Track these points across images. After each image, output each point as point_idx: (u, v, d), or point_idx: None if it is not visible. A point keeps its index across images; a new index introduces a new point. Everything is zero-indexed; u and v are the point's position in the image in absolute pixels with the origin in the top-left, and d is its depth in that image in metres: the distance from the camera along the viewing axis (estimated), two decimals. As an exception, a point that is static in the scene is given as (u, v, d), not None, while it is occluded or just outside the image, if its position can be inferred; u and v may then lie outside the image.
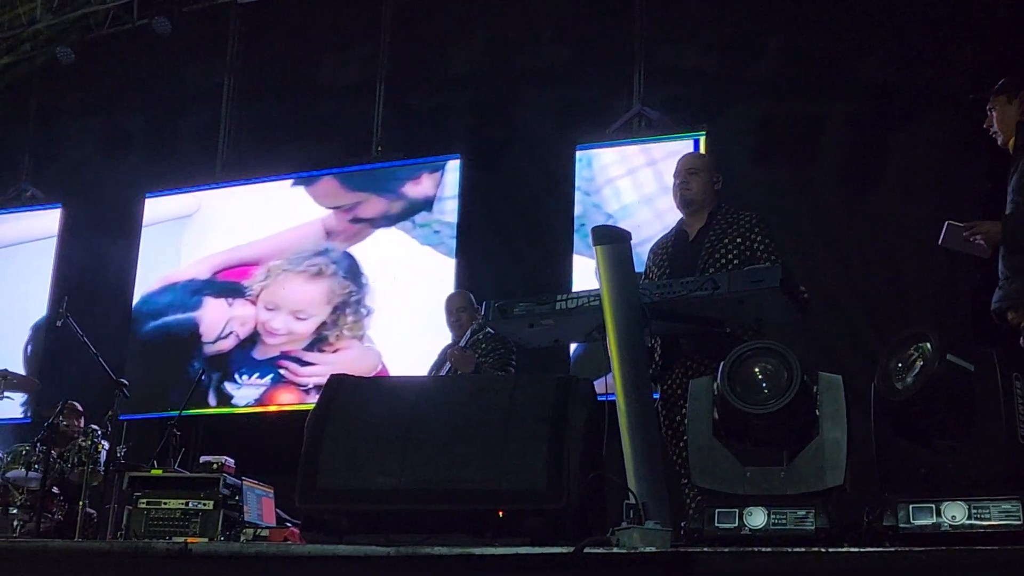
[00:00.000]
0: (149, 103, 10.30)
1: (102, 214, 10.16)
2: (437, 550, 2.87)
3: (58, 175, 10.65)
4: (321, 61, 9.79)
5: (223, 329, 9.14)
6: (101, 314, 9.19)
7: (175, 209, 9.69)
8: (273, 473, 6.25)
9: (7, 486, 7.11)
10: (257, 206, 9.38)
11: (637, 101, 8.35)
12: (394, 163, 8.97)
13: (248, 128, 9.92)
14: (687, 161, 4.88)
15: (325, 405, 3.34)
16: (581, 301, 3.96)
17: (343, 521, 3.24)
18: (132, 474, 5.73)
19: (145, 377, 8.94)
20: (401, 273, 8.69)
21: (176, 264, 9.51)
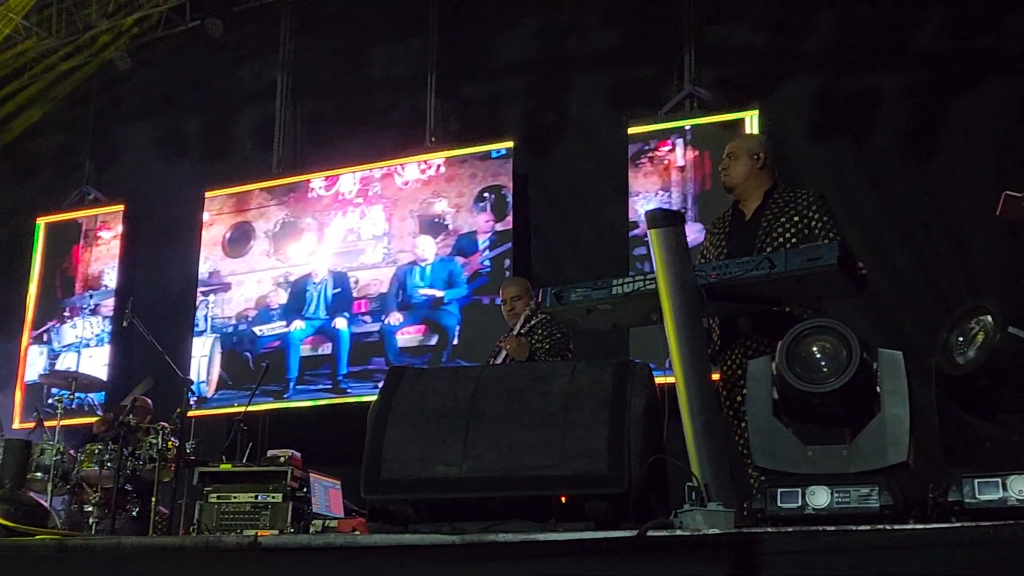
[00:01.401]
0: (204, 103, 10.44)
1: (163, 214, 10.32)
2: (501, 536, 2.90)
3: (119, 177, 10.84)
4: (372, 54, 9.85)
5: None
6: (165, 313, 9.35)
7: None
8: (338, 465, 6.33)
9: (81, 484, 7.26)
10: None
11: (689, 81, 8.31)
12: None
13: (302, 124, 10.02)
14: (727, 146, 4.86)
15: (387, 396, 3.37)
16: (638, 285, 3.96)
17: (408, 510, 3.27)
18: (202, 469, 5.82)
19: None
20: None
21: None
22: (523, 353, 5.94)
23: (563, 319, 4.57)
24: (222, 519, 5.59)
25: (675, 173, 8.13)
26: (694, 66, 8.30)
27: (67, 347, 10.34)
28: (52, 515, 4.39)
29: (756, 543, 2.61)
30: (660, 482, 3.39)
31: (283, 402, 9.00)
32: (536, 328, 6.10)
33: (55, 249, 10.76)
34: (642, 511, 3.14)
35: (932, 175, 7.27)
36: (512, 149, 8.77)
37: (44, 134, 11.28)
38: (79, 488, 7.28)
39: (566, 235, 8.61)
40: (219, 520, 5.59)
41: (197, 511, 5.68)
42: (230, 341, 9.52)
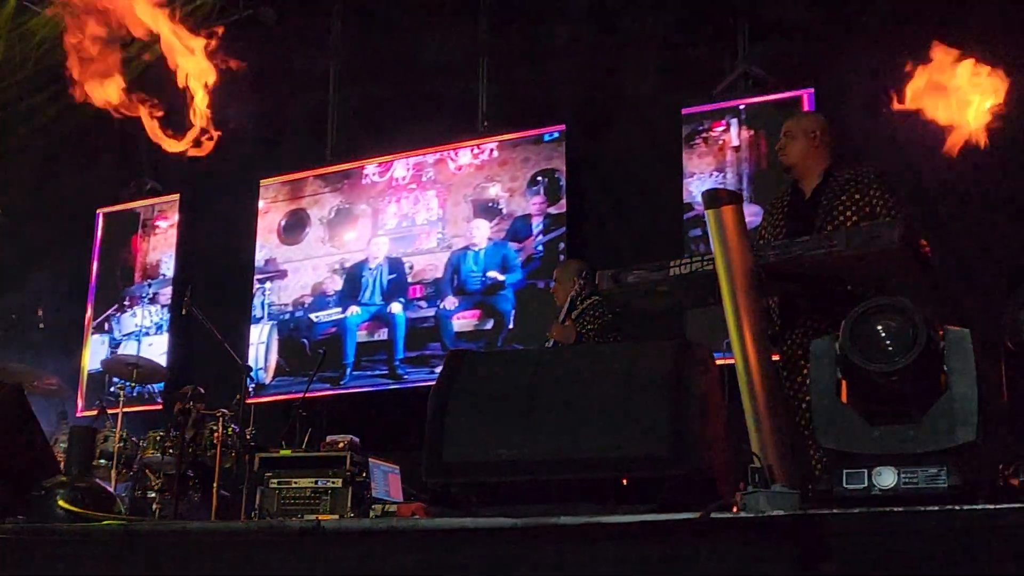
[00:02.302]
0: (258, 91, 10.49)
1: (218, 202, 10.42)
2: (563, 520, 2.89)
3: (175, 167, 10.93)
4: (423, 40, 9.84)
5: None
6: (223, 301, 9.44)
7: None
8: (396, 449, 6.37)
9: (144, 471, 7.36)
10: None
11: (742, 60, 8.22)
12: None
13: (355, 111, 10.05)
14: (784, 125, 4.81)
15: (446, 380, 3.37)
16: (695, 265, 3.94)
17: (469, 494, 3.28)
18: (262, 455, 5.88)
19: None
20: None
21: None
22: (569, 338, 5.94)
23: (620, 301, 4.56)
24: (283, 504, 5.66)
25: (730, 154, 8.06)
26: (748, 44, 8.21)
27: (127, 336, 10.48)
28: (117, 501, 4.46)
29: (822, 525, 2.58)
30: (722, 464, 3.36)
31: (340, 388, 9.06)
32: (586, 311, 6.10)
33: (114, 239, 10.91)
34: (704, 493, 3.12)
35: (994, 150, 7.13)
36: (565, 132, 8.75)
37: (102, 125, 11.41)
38: (142, 474, 7.39)
39: (620, 218, 8.57)
40: (280, 505, 5.66)
41: (258, 496, 5.75)
42: (287, 328, 9.59)
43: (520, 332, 8.50)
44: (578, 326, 6.00)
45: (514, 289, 8.69)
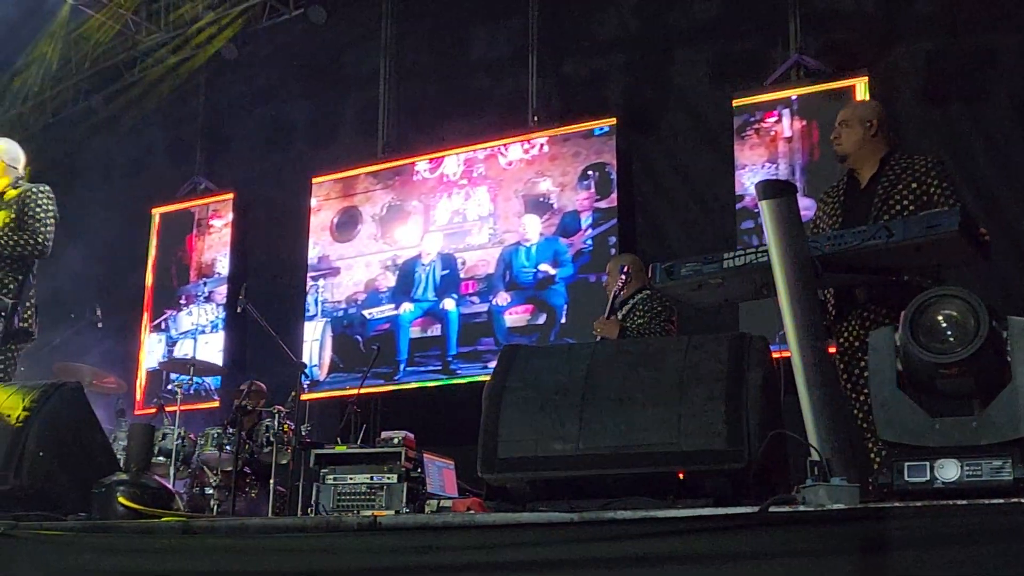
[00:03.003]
0: (310, 90, 10.58)
1: (271, 201, 10.52)
2: (620, 514, 2.88)
3: (228, 166, 11.06)
4: (472, 36, 9.86)
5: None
6: (277, 298, 9.53)
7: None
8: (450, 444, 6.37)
9: (202, 467, 7.44)
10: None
11: (794, 50, 8.14)
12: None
13: (406, 108, 10.09)
14: (839, 114, 4.75)
15: (501, 375, 3.37)
16: (749, 258, 3.89)
17: (526, 489, 3.27)
18: (318, 452, 5.91)
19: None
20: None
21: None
22: (612, 332, 5.92)
23: (673, 294, 4.52)
24: (339, 500, 5.67)
25: (782, 144, 7.99)
26: (799, 33, 8.13)
27: (184, 334, 10.61)
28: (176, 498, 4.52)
29: (884, 518, 2.54)
30: (779, 457, 3.33)
31: (394, 384, 9.10)
32: (637, 305, 6.07)
33: (170, 238, 11.04)
34: (762, 487, 3.09)
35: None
36: (615, 126, 8.72)
37: (156, 126, 11.56)
38: (200, 471, 7.46)
39: (671, 211, 8.53)
40: (336, 501, 5.67)
41: (314, 492, 5.77)
42: (340, 325, 9.65)
43: (572, 326, 8.49)
44: (627, 321, 5.97)
45: (566, 283, 8.68)
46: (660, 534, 2.80)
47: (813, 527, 2.64)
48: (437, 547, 3.09)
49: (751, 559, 2.71)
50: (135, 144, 11.59)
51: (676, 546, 2.79)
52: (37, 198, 5.49)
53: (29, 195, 5.51)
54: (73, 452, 4.27)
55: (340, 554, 3.21)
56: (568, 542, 2.91)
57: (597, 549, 2.88)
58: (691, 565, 2.77)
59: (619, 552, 2.85)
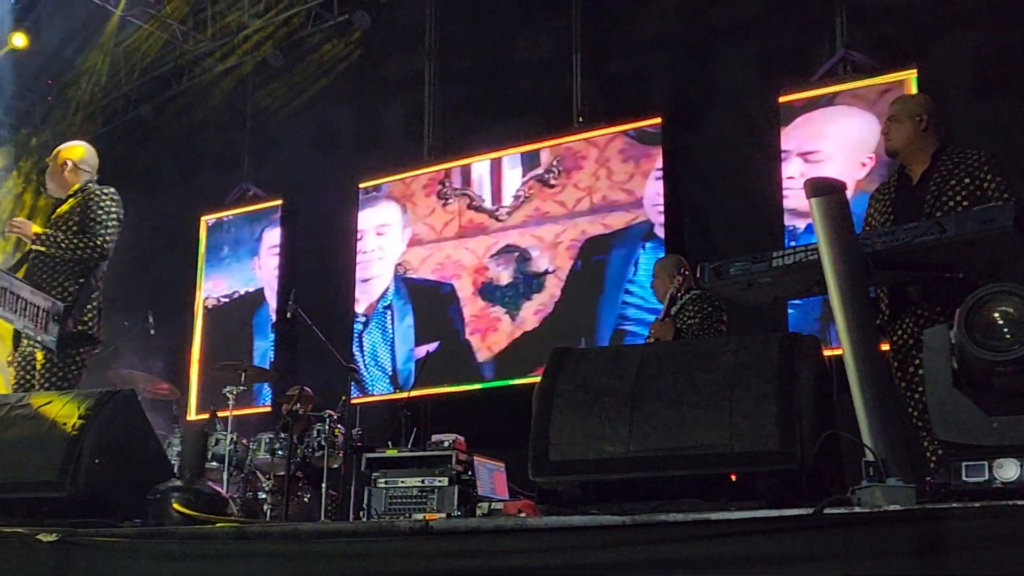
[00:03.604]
0: (355, 96, 10.63)
1: (319, 206, 10.58)
2: (672, 517, 2.86)
3: (276, 172, 11.14)
4: (516, 38, 9.86)
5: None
6: (326, 303, 9.58)
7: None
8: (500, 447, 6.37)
9: (255, 472, 7.49)
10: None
11: (841, 44, 8.06)
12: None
13: (451, 111, 10.11)
14: (888, 109, 4.69)
15: (550, 377, 3.36)
16: (799, 256, 3.86)
17: (577, 491, 3.26)
18: (369, 455, 5.93)
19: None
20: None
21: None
22: (668, 335, 5.89)
23: (722, 294, 4.50)
24: (390, 503, 5.68)
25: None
26: (846, 28, 8.05)
27: (235, 339, 10.71)
28: (230, 503, 4.55)
29: (941, 519, 2.50)
30: (833, 458, 3.30)
31: (443, 387, 9.11)
32: (686, 305, 6.04)
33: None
34: (816, 488, 3.06)
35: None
36: (661, 125, 8.67)
37: (204, 134, 11.67)
38: (253, 476, 7.52)
39: (718, 209, 8.47)
40: (388, 504, 5.69)
41: (366, 496, 5.79)
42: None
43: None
44: (678, 321, 5.95)
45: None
46: (713, 536, 2.78)
47: (869, 529, 2.61)
48: (489, 551, 3.09)
49: (806, 561, 2.68)
50: (184, 152, 11.72)
51: (729, 549, 2.76)
52: (99, 200, 5.51)
53: (91, 197, 5.53)
54: (128, 459, 4.31)
55: (392, 559, 3.22)
56: (620, 545, 2.89)
57: (649, 552, 2.86)
58: (744, 568, 2.74)
59: (671, 555, 2.83)
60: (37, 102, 12.51)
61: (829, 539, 2.65)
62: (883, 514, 2.62)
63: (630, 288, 8.43)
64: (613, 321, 8.48)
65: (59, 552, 3.73)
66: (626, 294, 8.45)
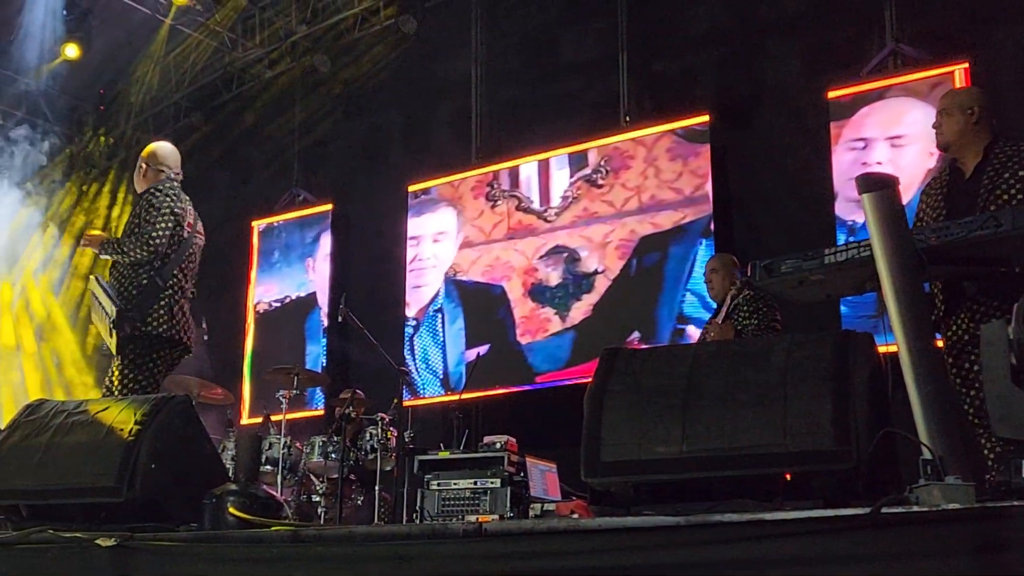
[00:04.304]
0: (403, 100, 10.68)
1: (368, 209, 10.63)
2: (727, 517, 2.84)
3: (326, 177, 11.22)
4: (562, 38, 9.86)
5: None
6: (378, 306, 9.62)
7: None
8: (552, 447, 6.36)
9: (309, 476, 7.54)
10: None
11: (891, 38, 7.97)
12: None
13: (498, 113, 10.12)
14: (939, 102, 4.64)
15: (602, 378, 3.35)
16: (851, 253, 3.82)
17: (630, 492, 3.25)
18: (421, 458, 5.94)
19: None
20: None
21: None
22: (728, 336, 5.85)
23: (773, 292, 4.46)
24: (443, 505, 5.70)
25: (881, 136, 7.83)
26: (896, 21, 7.96)
27: (288, 343, 10.79)
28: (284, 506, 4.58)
29: (1001, 518, 2.47)
30: (889, 456, 3.25)
31: (494, 389, 9.12)
32: (740, 305, 6.00)
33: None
34: (872, 487, 3.02)
35: None
36: (709, 123, 8.63)
37: (254, 140, 11.78)
38: (306, 479, 7.57)
39: (768, 206, 8.42)
40: (440, 506, 5.70)
41: (419, 498, 5.81)
42: (440, 331, 9.74)
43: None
44: (734, 322, 5.91)
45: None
46: (769, 537, 2.76)
47: (928, 528, 2.57)
48: (543, 552, 3.09)
49: (863, 561, 2.65)
50: (234, 158, 11.83)
51: (785, 549, 2.74)
52: (152, 199, 5.40)
53: (147, 196, 5.45)
54: (183, 464, 4.34)
55: (446, 561, 3.22)
56: (675, 546, 2.88)
57: (704, 553, 2.85)
58: (801, 568, 2.72)
59: (727, 556, 2.81)
60: (90, 111, 12.69)
61: (887, 539, 2.62)
62: (942, 513, 2.59)
63: (688, 287, 8.39)
64: (672, 321, 8.44)
65: (118, 556, 3.77)
66: (684, 293, 8.40)
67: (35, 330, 12.00)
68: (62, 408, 4.57)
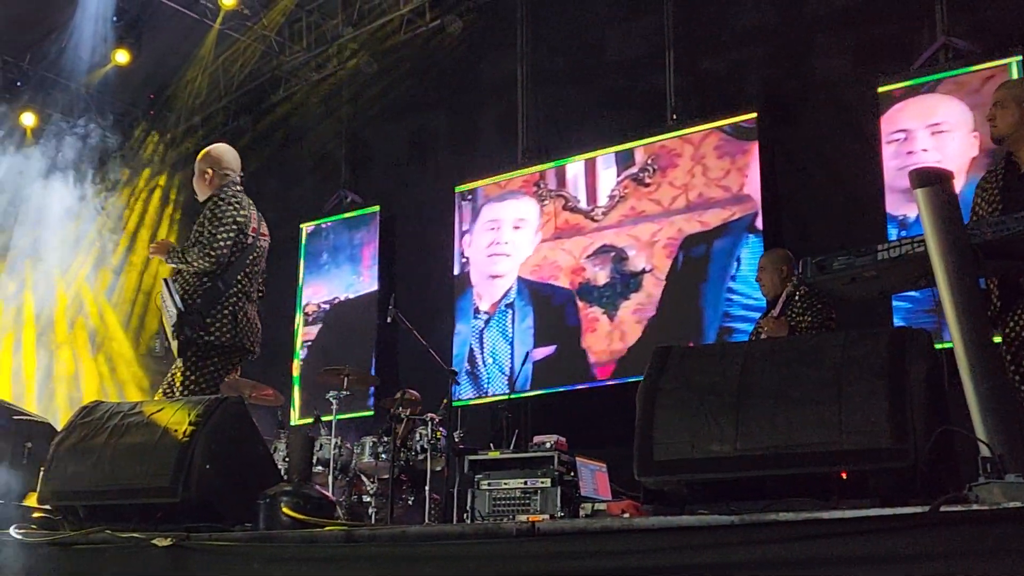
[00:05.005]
0: (449, 101, 10.70)
1: (416, 210, 10.67)
2: (782, 516, 2.82)
3: (373, 179, 11.27)
4: (607, 37, 9.83)
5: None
6: (426, 307, 9.65)
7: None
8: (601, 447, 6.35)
9: (360, 476, 7.58)
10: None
11: (941, 32, 7.87)
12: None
13: (544, 112, 10.11)
14: (994, 95, 4.57)
15: (654, 376, 3.33)
16: (905, 248, 3.77)
17: (683, 491, 3.23)
18: (471, 458, 5.96)
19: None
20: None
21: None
22: (782, 332, 5.80)
23: (825, 289, 4.42)
24: (494, 505, 5.71)
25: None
26: (946, 14, 7.86)
27: (336, 345, 10.85)
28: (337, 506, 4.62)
29: (1064, 516, 2.43)
30: (947, 454, 3.21)
31: (543, 388, 9.11)
32: (795, 302, 5.94)
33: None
34: (930, 485, 2.99)
35: None
36: (756, 119, 8.57)
37: (302, 143, 11.86)
38: (357, 479, 7.60)
39: (817, 203, 8.34)
40: (491, 506, 5.71)
41: (469, 498, 5.82)
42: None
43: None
44: (788, 318, 5.86)
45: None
46: (825, 536, 2.73)
47: (988, 527, 2.54)
48: (596, 552, 3.08)
49: (921, 561, 2.62)
50: (282, 162, 11.92)
51: (842, 549, 2.71)
52: (215, 209, 5.42)
53: (210, 204, 5.47)
54: (237, 464, 4.37)
55: (499, 561, 3.22)
56: (730, 545, 2.86)
57: (760, 552, 2.82)
58: (858, 567, 2.69)
59: (782, 555, 2.79)
60: (140, 116, 12.84)
61: (946, 538, 2.59)
62: (1003, 512, 2.55)
63: (732, 285, 8.33)
64: (718, 319, 8.40)
65: (174, 556, 3.82)
66: (729, 291, 8.34)
67: (88, 332, 12.15)
68: (117, 409, 4.62)
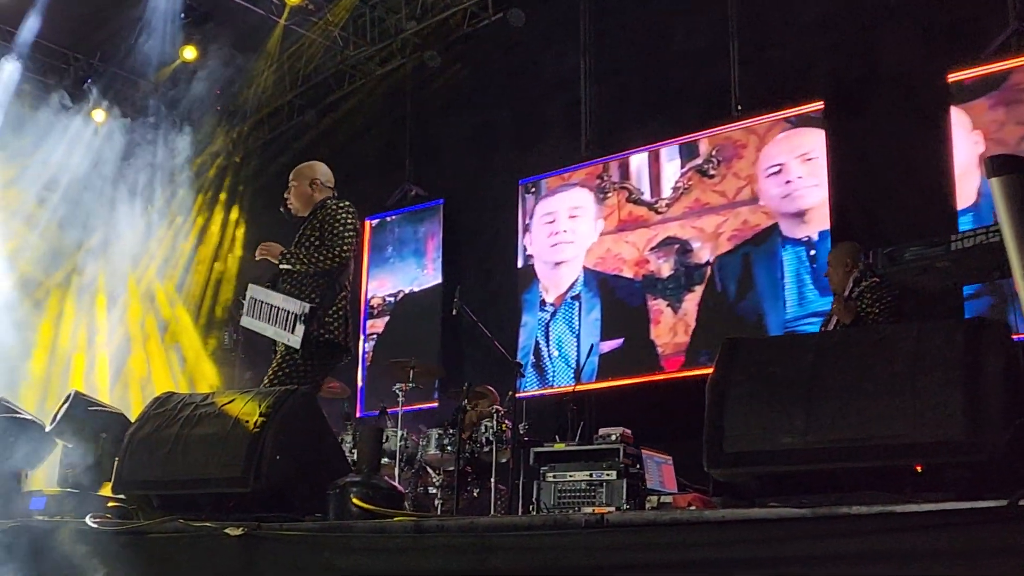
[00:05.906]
0: (512, 94, 10.71)
1: (480, 204, 10.69)
2: (856, 509, 2.79)
3: (437, 173, 11.31)
4: (671, 28, 9.77)
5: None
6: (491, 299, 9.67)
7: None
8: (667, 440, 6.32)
9: (425, 467, 7.62)
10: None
11: (1013, 17, 7.72)
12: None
13: (607, 105, 10.09)
14: None
15: (724, 368, 3.31)
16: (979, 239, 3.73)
17: (753, 484, 3.22)
18: (537, 450, 5.96)
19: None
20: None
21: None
22: (848, 316, 5.74)
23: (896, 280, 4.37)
24: (559, 497, 5.70)
25: (1005, 119, 7.61)
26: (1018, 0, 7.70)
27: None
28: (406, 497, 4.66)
29: None
30: (1024, 447, 3.16)
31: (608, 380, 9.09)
32: (864, 292, 5.88)
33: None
34: (1007, 479, 2.94)
35: None
36: (823, 110, 8.47)
37: (367, 137, 11.93)
38: (423, 471, 7.64)
39: (884, 194, 8.21)
40: (557, 498, 5.71)
41: (535, 490, 5.82)
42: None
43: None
44: (857, 307, 5.80)
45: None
46: (900, 529, 2.71)
47: (1070, 521, 2.50)
48: (665, 544, 3.08)
49: (999, 555, 2.59)
50: (347, 155, 11.98)
51: (917, 542, 2.69)
52: (336, 214, 5.66)
53: (330, 212, 5.70)
54: (307, 455, 4.42)
55: (568, 552, 3.23)
56: (802, 538, 2.84)
57: (833, 545, 2.80)
58: (934, 562, 2.66)
59: (857, 548, 2.77)
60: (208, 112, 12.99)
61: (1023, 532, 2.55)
62: (1083, 506, 2.51)
63: (800, 276, 8.25)
64: (783, 310, 8.32)
65: (246, 545, 3.87)
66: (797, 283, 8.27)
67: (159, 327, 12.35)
68: (189, 400, 4.69)
